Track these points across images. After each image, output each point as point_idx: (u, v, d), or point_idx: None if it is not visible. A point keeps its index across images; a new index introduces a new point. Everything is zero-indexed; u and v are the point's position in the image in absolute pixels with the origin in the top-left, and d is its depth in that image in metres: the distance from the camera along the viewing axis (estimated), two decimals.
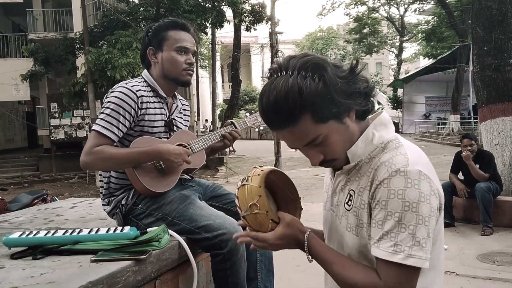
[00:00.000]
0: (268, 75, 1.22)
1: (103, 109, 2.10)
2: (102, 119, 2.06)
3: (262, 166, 1.36)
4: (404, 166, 1.14)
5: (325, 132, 1.18)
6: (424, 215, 1.11)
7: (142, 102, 2.12)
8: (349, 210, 1.27)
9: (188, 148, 2.21)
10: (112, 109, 2.06)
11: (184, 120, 2.41)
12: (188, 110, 2.50)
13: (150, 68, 2.27)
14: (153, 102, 2.19)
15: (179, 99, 2.41)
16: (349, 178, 1.29)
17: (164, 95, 2.23)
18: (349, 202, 1.27)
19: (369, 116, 1.30)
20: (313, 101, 1.13)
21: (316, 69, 1.14)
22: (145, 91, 2.17)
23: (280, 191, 1.43)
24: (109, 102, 2.08)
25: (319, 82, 1.13)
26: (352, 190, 1.26)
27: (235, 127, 2.40)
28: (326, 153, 1.23)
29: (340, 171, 1.31)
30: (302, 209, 1.42)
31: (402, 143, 1.23)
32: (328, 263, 1.24)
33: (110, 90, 2.17)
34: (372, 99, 1.25)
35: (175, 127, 2.28)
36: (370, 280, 1.16)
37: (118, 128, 2.06)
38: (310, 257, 1.27)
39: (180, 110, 2.37)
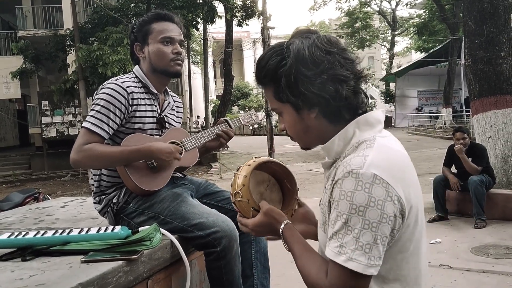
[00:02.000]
0: None
1: (93, 106, 2.06)
2: (92, 116, 2.02)
3: (259, 157, 1.43)
4: (358, 168, 1.11)
5: (281, 109, 1.27)
6: (371, 221, 1.08)
7: (132, 99, 2.09)
8: (320, 207, 1.28)
9: (181, 146, 2.19)
10: (102, 106, 2.03)
11: (177, 117, 2.38)
12: (181, 107, 2.46)
13: (139, 64, 2.23)
14: (144, 99, 2.16)
15: (172, 96, 2.38)
16: (329, 175, 1.27)
17: (155, 91, 2.20)
18: (322, 199, 1.28)
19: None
20: (271, 78, 1.23)
21: (289, 51, 1.20)
22: (135, 87, 2.13)
23: (283, 181, 1.50)
24: (99, 98, 2.05)
25: (282, 65, 1.20)
26: (325, 186, 1.27)
27: (229, 125, 2.37)
28: (286, 127, 1.30)
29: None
30: (298, 199, 1.48)
31: (375, 144, 1.17)
32: (294, 254, 1.26)
33: (100, 86, 2.13)
34: (348, 109, 1.22)
35: (167, 124, 2.25)
36: (319, 276, 1.17)
37: (108, 125, 2.02)
38: (286, 247, 1.31)
39: (172, 107, 2.34)
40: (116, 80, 2.12)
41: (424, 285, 1.25)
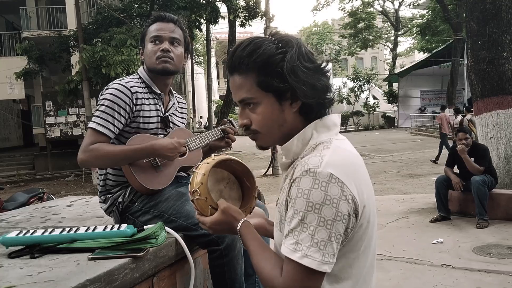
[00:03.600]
0: None
1: (98, 106, 2.11)
2: (97, 116, 2.07)
3: (219, 155, 1.45)
4: (315, 167, 1.14)
5: (260, 99, 1.25)
6: (326, 218, 1.11)
7: (137, 98, 2.14)
8: (277, 206, 1.31)
9: (185, 146, 2.22)
10: (107, 106, 2.07)
11: (181, 118, 2.42)
12: (185, 108, 2.50)
13: (143, 66, 2.29)
14: (148, 99, 2.20)
15: (176, 97, 2.42)
16: (286, 175, 1.31)
17: (158, 91, 2.24)
18: (279, 199, 1.30)
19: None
20: (263, 63, 1.21)
21: (285, 43, 1.23)
22: (139, 87, 2.18)
23: (243, 179, 1.52)
24: (104, 99, 2.10)
25: (280, 52, 1.21)
26: (283, 186, 1.30)
27: (233, 126, 2.40)
28: (253, 121, 1.28)
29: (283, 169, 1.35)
30: (256, 198, 1.50)
31: (332, 146, 1.23)
32: (250, 252, 1.29)
33: (105, 87, 2.18)
34: (324, 108, 1.29)
35: (171, 124, 2.28)
36: (273, 273, 1.19)
37: (114, 124, 2.07)
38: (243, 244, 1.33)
39: (176, 108, 2.37)
40: (120, 80, 2.17)
41: (370, 281, 1.30)
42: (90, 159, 2.02)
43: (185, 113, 2.49)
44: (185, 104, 2.51)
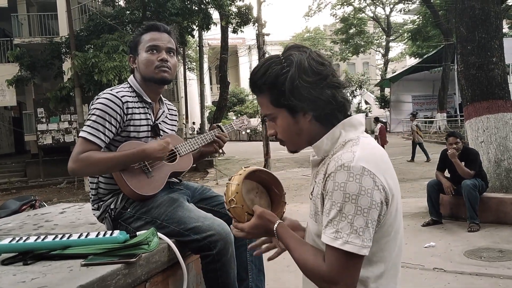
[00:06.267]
0: None
1: (89, 115, 2.12)
2: (88, 125, 2.08)
3: (248, 167, 1.53)
4: (348, 162, 1.24)
5: (276, 114, 1.39)
6: (363, 207, 1.21)
7: (127, 108, 2.15)
8: (311, 199, 1.41)
9: (175, 152, 2.24)
10: (98, 115, 2.08)
11: (171, 125, 2.43)
12: (176, 115, 2.52)
13: (134, 75, 2.30)
14: (138, 108, 2.21)
15: (166, 104, 2.43)
16: (317, 171, 1.42)
17: (149, 100, 2.26)
18: (312, 192, 1.41)
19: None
20: (271, 84, 1.35)
21: (290, 62, 1.34)
22: (130, 96, 2.19)
23: (271, 187, 1.61)
24: (95, 108, 2.11)
25: (284, 72, 1.33)
26: (315, 181, 1.41)
27: (222, 131, 2.43)
28: (277, 131, 1.43)
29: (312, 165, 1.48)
30: (286, 203, 1.60)
31: (360, 143, 1.33)
32: (290, 248, 1.38)
33: (96, 97, 2.19)
34: (339, 111, 1.37)
35: (161, 132, 2.30)
36: (317, 262, 1.29)
37: (104, 134, 2.08)
38: (281, 244, 1.42)
39: (166, 115, 2.39)
40: (111, 90, 2.19)
41: (399, 265, 1.41)
42: (81, 168, 2.04)
43: (176, 120, 2.50)
44: (175, 111, 2.53)
